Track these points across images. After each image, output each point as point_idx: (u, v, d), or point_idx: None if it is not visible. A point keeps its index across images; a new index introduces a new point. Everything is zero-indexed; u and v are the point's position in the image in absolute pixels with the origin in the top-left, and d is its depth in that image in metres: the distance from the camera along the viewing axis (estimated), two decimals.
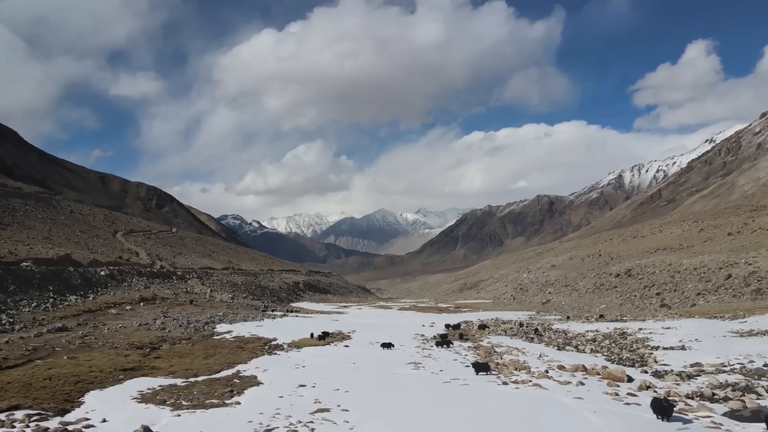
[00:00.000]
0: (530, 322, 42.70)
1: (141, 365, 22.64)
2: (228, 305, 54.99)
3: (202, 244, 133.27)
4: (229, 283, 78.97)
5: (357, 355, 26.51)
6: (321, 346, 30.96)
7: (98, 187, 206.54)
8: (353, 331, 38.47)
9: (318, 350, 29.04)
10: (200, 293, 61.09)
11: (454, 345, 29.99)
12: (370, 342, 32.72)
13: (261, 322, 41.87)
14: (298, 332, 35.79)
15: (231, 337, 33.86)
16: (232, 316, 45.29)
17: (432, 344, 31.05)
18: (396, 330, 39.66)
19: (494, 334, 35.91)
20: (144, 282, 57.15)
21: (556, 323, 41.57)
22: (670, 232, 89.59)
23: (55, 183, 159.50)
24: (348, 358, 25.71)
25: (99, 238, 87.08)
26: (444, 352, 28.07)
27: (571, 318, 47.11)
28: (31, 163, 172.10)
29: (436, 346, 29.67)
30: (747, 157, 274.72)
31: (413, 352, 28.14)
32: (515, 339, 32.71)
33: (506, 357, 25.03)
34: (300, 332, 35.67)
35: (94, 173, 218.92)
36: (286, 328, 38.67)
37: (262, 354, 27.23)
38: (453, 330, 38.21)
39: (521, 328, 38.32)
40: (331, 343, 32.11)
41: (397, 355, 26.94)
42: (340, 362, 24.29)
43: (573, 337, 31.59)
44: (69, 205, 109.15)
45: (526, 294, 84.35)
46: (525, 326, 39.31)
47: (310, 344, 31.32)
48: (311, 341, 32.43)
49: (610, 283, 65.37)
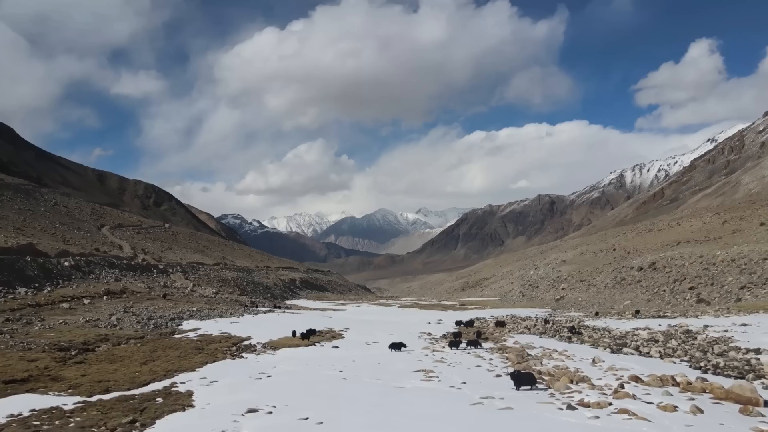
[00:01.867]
0: (556, 319, 35.80)
1: (41, 375, 15.82)
2: (208, 300, 48.19)
3: (196, 240, 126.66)
4: (217, 279, 72.14)
5: (347, 360, 19.71)
6: (303, 346, 24.15)
7: (95, 185, 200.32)
8: (346, 328, 31.64)
9: (298, 352, 22.21)
10: (180, 287, 54.31)
11: (468, 345, 23.09)
12: (365, 342, 25.89)
13: (239, 318, 35.06)
14: (280, 330, 29.00)
15: (195, 335, 27.06)
16: (208, 311, 38.46)
17: (443, 344, 24.24)
18: (398, 327, 32.84)
19: (516, 333, 29.06)
20: (116, 274, 50.33)
21: (587, 320, 34.65)
22: (690, 225, 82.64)
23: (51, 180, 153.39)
24: (335, 363, 18.90)
25: (80, 230, 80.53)
26: (460, 354, 21.27)
27: (600, 314, 40.20)
28: (27, 160, 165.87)
29: (449, 348, 22.86)
30: (751, 155, 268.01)
31: (421, 354, 21.33)
32: (546, 338, 25.87)
33: (548, 363, 18.20)
34: (282, 330, 28.88)
35: (91, 170, 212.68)
36: (267, 325, 31.82)
37: (223, 357, 20.43)
38: (466, 327, 31.36)
39: (547, 325, 31.43)
40: (317, 343, 25.29)
41: (400, 359, 20.13)
42: (323, 370, 17.47)
43: (622, 336, 24.71)
44: (54, 198, 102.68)
45: (536, 290, 77.40)
46: (551, 323, 32.39)
47: (290, 344, 24.50)
48: (292, 341, 25.60)
49: (633, 278, 58.47)
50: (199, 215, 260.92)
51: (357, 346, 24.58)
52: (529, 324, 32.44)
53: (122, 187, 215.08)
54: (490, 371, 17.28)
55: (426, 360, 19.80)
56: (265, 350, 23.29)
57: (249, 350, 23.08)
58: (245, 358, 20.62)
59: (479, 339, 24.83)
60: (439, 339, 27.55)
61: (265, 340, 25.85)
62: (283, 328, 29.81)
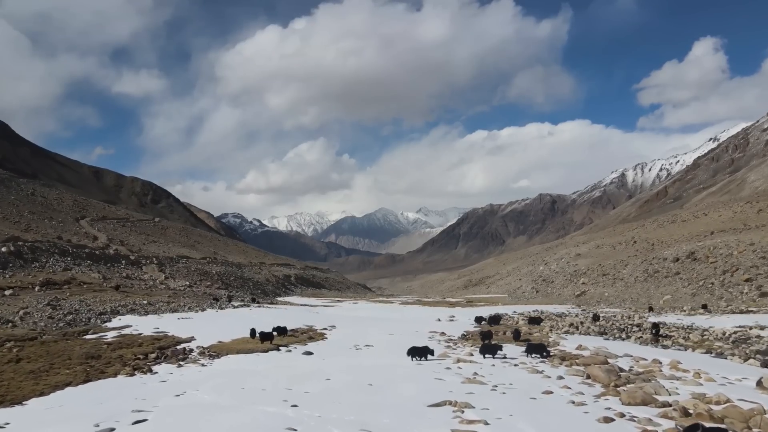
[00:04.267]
0: (607, 316, 27.31)
1: None
2: (175, 293, 39.87)
3: (187, 235, 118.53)
4: (198, 272, 63.85)
5: (316, 378, 11.39)
6: (260, 352, 15.82)
7: (92, 182, 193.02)
8: (331, 326, 23.27)
9: (245, 363, 13.90)
10: (148, 279, 45.99)
11: (529, 352, 14.65)
12: (354, 346, 17.59)
13: (195, 314, 26.78)
14: (240, 329, 20.64)
15: (114, 335, 18.81)
16: (163, 305, 30.12)
17: (469, 349, 15.89)
18: (400, 326, 24.54)
19: (560, 333, 20.67)
20: (67, 263, 42.02)
21: (639, 317, 26.20)
22: (718, 215, 74.17)
23: (47, 177, 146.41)
24: (292, 384, 10.62)
25: (53, 220, 72.48)
26: (502, 366, 12.91)
27: (655, 310, 31.71)
28: (22, 156, 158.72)
29: (481, 355, 14.46)
30: (756, 153, 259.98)
31: (439, 368, 12.97)
32: (615, 341, 17.51)
33: (680, 388, 9.77)
34: (242, 329, 20.54)
35: (87, 167, 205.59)
36: (226, 322, 23.48)
37: (115, 373, 12.12)
38: (491, 325, 22.97)
39: (599, 322, 23.03)
40: (282, 347, 16.96)
41: (407, 377, 11.83)
42: (262, 402, 9.10)
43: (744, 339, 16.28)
44: (32, 188, 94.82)
45: (551, 286, 68.91)
46: (603, 320, 23.97)
47: (240, 349, 16.18)
48: (246, 344, 17.26)
49: (668, 270, 50.04)
50: (198, 214, 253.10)
51: (341, 351, 16.29)
52: (573, 321, 24.02)
53: (119, 184, 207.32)
54: (576, 404, 8.93)
55: (450, 378, 11.46)
56: (201, 358, 15.04)
57: (175, 358, 14.80)
58: (152, 374, 12.34)
59: (518, 342, 16.42)
60: (458, 341, 19.23)
61: (210, 342, 17.59)
62: (246, 326, 21.47)
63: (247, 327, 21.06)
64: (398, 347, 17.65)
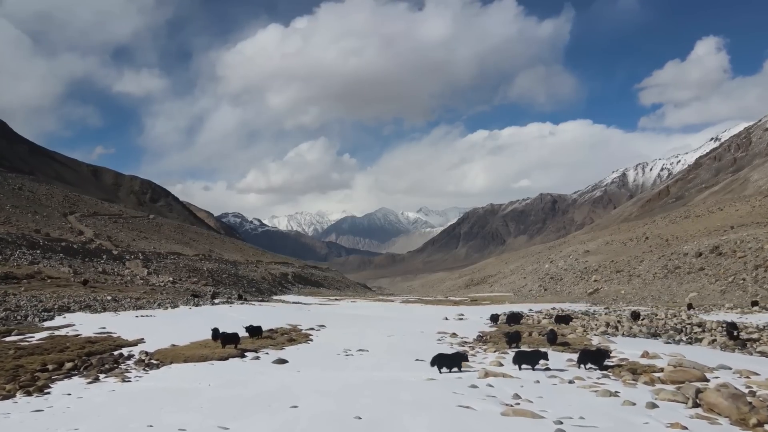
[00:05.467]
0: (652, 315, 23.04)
1: None
2: (154, 289, 35.72)
3: (182, 232, 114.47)
4: (188, 269, 59.74)
5: (274, 406, 7.24)
6: (219, 360, 11.71)
7: (90, 180, 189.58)
8: (320, 326, 19.18)
9: (186, 380, 9.79)
10: (128, 274, 41.88)
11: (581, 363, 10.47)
12: (343, 351, 13.51)
13: (162, 312, 22.73)
14: (208, 329, 16.44)
15: (45, 336, 14.80)
16: (133, 301, 26.03)
17: (493, 356, 11.74)
18: (402, 325, 20.45)
19: (596, 333, 16.54)
20: (35, 257, 37.86)
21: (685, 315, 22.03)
22: (735, 209, 69.99)
23: (44, 175, 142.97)
24: (232, 420, 6.41)
25: (36, 214, 68.59)
26: (554, 386, 8.72)
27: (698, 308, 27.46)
28: (19, 154, 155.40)
29: (516, 365, 10.30)
30: (758, 152, 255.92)
31: (458, 384, 8.79)
32: (687, 346, 13.34)
33: None
34: (208, 330, 16.34)
35: (86, 166, 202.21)
36: (194, 321, 19.41)
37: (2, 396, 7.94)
38: (510, 325, 18.83)
39: (641, 321, 18.88)
40: (253, 352, 12.85)
41: (416, 402, 7.67)
42: None
43: None
44: (20, 182, 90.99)
45: (560, 284, 64.69)
46: (646, 319, 19.80)
47: (193, 356, 12.06)
48: (205, 349, 13.13)
49: (691, 265, 45.89)
50: (198, 213, 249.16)
51: (325, 358, 12.21)
52: (608, 320, 19.85)
53: (117, 183, 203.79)
54: None
55: (481, 405, 7.38)
56: (134, 369, 10.99)
57: (96, 370, 10.71)
58: (40, 396, 8.26)
59: (560, 348, 12.29)
60: (474, 343, 15.14)
61: (161, 345, 13.52)
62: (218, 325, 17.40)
63: (220, 325, 16.98)
64: (401, 353, 13.55)
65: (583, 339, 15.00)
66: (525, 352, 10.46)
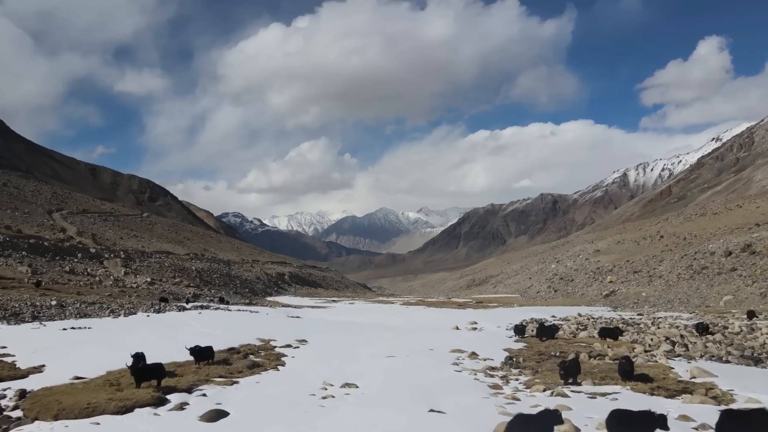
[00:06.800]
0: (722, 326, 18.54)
1: None
2: (123, 291, 31.39)
3: (176, 231, 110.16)
4: (174, 268, 55.35)
5: None
6: (115, 413, 7.16)
7: (88, 179, 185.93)
8: (301, 341, 14.76)
9: None
10: (100, 274, 37.45)
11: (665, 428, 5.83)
12: (322, 388, 9.01)
13: (107, 320, 18.22)
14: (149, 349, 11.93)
15: None
16: (83, 307, 21.54)
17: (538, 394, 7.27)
18: (405, 339, 15.99)
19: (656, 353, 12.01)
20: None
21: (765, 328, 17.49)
22: (755, 206, 65.52)
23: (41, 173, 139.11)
24: None
25: (16, 210, 64.47)
26: None
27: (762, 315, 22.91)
28: (16, 153, 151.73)
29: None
30: (761, 152, 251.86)
31: None
32: None
33: None
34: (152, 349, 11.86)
35: (84, 165, 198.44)
36: (138, 336, 15.00)
37: None
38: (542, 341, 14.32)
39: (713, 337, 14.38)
40: (180, 393, 8.32)
41: None
42: None
43: None
44: (6, 178, 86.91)
45: (571, 285, 60.21)
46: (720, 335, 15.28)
47: (79, 405, 7.50)
48: (104, 391, 8.52)
49: (721, 266, 41.41)
50: (197, 213, 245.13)
51: (290, 406, 7.78)
52: (668, 334, 15.34)
53: (116, 182, 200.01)
54: None
55: None
56: None
57: None
58: None
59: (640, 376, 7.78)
60: (505, 370, 10.64)
61: (63, 377, 9.05)
62: (169, 341, 12.98)
63: (167, 343, 12.51)
64: (405, 391, 9.08)
65: (665, 369, 10.45)
66: (629, 416, 5.90)
